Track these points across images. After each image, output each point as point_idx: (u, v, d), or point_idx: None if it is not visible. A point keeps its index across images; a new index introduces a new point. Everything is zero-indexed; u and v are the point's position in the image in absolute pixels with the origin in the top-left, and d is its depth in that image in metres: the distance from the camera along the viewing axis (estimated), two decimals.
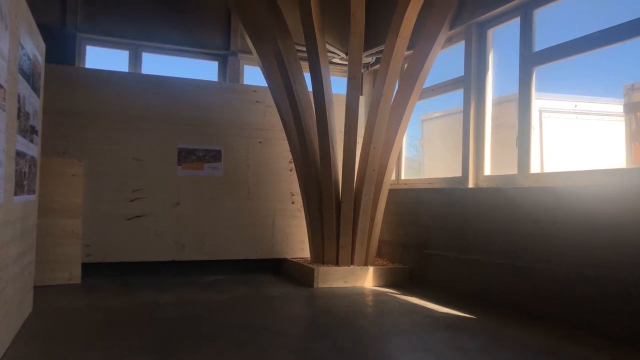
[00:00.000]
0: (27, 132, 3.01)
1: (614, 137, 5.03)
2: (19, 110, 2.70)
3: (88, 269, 4.99)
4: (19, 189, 2.79)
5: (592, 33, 3.73)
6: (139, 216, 5.29)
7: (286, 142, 5.60)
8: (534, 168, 4.21)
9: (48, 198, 4.56)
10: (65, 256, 4.74)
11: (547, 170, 4.37)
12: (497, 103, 4.80)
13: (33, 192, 3.33)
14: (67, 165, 4.82)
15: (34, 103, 3.22)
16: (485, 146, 4.74)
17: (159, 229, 5.35)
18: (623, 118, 4.80)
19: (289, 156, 5.83)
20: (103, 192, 5.16)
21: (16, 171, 2.68)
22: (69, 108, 5.09)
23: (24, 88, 2.84)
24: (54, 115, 4.87)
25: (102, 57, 5.82)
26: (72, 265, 4.77)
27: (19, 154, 2.76)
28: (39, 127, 3.49)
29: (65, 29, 5.40)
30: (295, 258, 5.77)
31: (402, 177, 6.11)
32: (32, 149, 3.21)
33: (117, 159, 5.24)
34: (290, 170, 5.90)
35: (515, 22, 4.44)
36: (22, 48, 2.74)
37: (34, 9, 3.19)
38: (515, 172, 4.31)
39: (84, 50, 5.61)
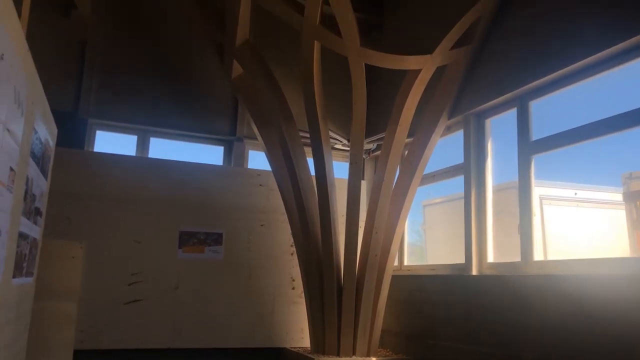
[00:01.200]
0: (32, 214, 3.03)
1: (615, 226, 5.03)
2: (26, 192, 2.74)
3: (80, 356, 4.80)
4: (18, 271, 2.77)
5: (589, 124, 3.85)
6: (136, 300, 5.18)
7: (288, 225, 5.60)
8: (537, 255, 4.18)
9: (46, 280, 4.48)
10: (58, 342, 4.58)
11: (550, 257, 4.33)
12: (497, 190, 4.86)
13: (31, 274, 3.30)
14: (68, 247, 4.78)
15: (41, 185, 3.28)
16: (488, 233, 4.73)
17: (156, 314, 5.22)
18: (623, 206, 4.82)
19: (290, 240, 5.81)
20: (102, 275, 5.09)
21: (17, 253, 2.67)
22: (74, 191, 5.15)
23: (33, 170, 2.90)
24: (59, 198, 4.91)
25: (111, 141, 6.00)
26: (63, 352, 4.59)
27: (22, 236, 2.76)
28: (43, 209, 3.52)
29: (78, 115, 5.60)
30: (294, 347, 5.57)
31: (405, 262, 6.05)
32: (35, 231, 3.22)
33: (118, 241, 5.22)
34: (292, 254, 5.85)
35: (512, 112, 4.60)
36: (36, 132, 2.84)
37: (50, 96, 3.33)
38: (519, 259, 4.27)
39: (94, 134, 5.79)
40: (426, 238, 6.82)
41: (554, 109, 4.35)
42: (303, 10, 4.75)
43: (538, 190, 4.51)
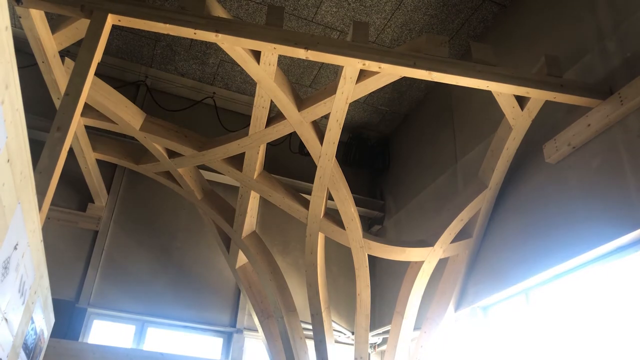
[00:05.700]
0: None
1: None
2: None
3: None
4: None
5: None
6: None
7: None
8: None
9: None
10: None
11: None
12: None
13: None
14: None
15: None
16: None
17: None
18: None
19: None
20: None
21: None
22: None
23: None
24: None
25: (108, 330, 5.79)
26: None
27: None
28: None
29: (77, 305, 5.50)
30: None
31: None
32: None
33: None
34: None
35: (519, 303, 4.51)
36: (32, 322, 2.77)
37: (54, 284, 3.33)
38: None
39: (91, 324, 5.62)
40: None
41: (562, 296, 4.28)
42: (308, 205, 4.99)
43: None
